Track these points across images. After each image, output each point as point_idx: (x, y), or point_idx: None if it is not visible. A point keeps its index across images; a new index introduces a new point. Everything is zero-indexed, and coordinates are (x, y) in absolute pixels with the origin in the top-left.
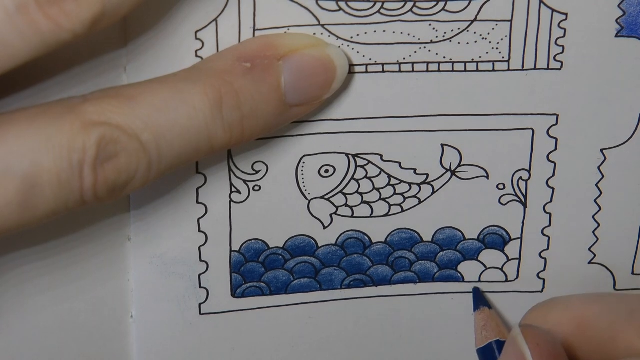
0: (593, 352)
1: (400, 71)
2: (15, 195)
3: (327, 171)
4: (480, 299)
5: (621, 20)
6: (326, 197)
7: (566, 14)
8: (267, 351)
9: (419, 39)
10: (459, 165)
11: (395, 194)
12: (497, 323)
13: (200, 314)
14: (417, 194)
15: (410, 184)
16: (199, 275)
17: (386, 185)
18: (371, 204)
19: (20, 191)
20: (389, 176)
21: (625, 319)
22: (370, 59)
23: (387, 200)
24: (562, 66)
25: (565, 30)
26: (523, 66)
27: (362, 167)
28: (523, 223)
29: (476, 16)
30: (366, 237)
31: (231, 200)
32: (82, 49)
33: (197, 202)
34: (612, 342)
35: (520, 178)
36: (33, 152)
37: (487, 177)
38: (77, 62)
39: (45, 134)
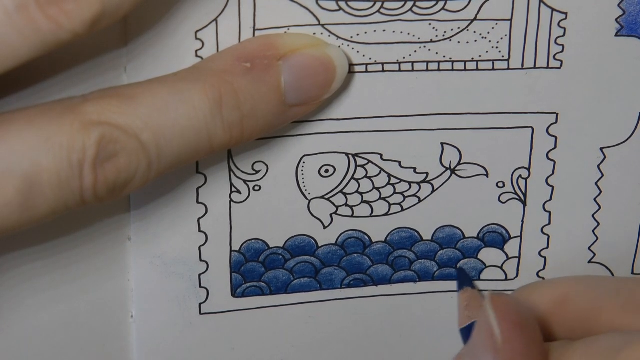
0: (573, 328)
1: (400, 70)
2: (15, 195)
3: (327, 171)
4: (464, 279)
5: (621, 20)
6: (326, 196)
7: (566, 13)
8: (267, 351)
9: (419, 39)
10: (459, 164)
11: (395, 193)
12: (480, 303)
13: (200, 313)
14: (416, 192)
15: (410, 183)
16: (199, 275)
17: (386, 185)
18: (371, 204)
19: (20, 191)
20: (389, 175)
21: (610, 296)
22: (370, 59)
23: (387, 199)
24: (561, 65)
25: (565, 29)
26: (523, 65)
27: (362, 166)
28: (523, 221)
29: (476, 15)
30: (366, 237)
31: (231, 200)
32: (82, 49)
33: (197, 202)
34: (594, 319)
35: (520, 176)
36: (33, 152)
37: (487, 175)
38: (77, 62)
39: (45, 134)
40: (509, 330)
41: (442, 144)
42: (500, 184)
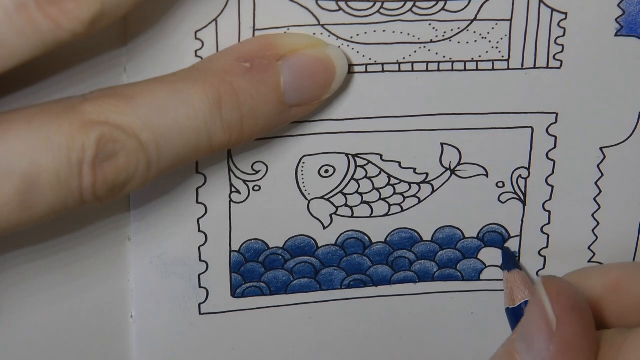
0: (627, 315)
1: (400, 71)
2: (15, 195)
3: (327, 171)
4: (509, 260)
5: (621, 20)
6: (326, 197)
7: (566, 13)
8: (267, 351)
9: (419, 39)
10: (459, 164)
11: (395, 193)
12: (526, 285)
13: (200, 314)
14: (416, 193)
15: (409, 184)
16: (199, 275)
17: (386, 185)
18: (371, 204)
19: (19, 190)
20: (389, 176)
21: None
22: (370, 59)
23: (386, 200)
24: (561, 65)
25: (564, 29)
26: (523, 65)
27: (362, 167)
28: (522, 221)
29: (476, 15)
30: (366, 237)
31: (231, 200)
32: (82, 49)
33: (197, 202)
34: None
35: (520, 176)
36: (32, 151)
37: (487, 175)
38: (77, 62)
39: (44, 133)
40: (563, 313)
41: (442, 144)
42: (500, 184)
